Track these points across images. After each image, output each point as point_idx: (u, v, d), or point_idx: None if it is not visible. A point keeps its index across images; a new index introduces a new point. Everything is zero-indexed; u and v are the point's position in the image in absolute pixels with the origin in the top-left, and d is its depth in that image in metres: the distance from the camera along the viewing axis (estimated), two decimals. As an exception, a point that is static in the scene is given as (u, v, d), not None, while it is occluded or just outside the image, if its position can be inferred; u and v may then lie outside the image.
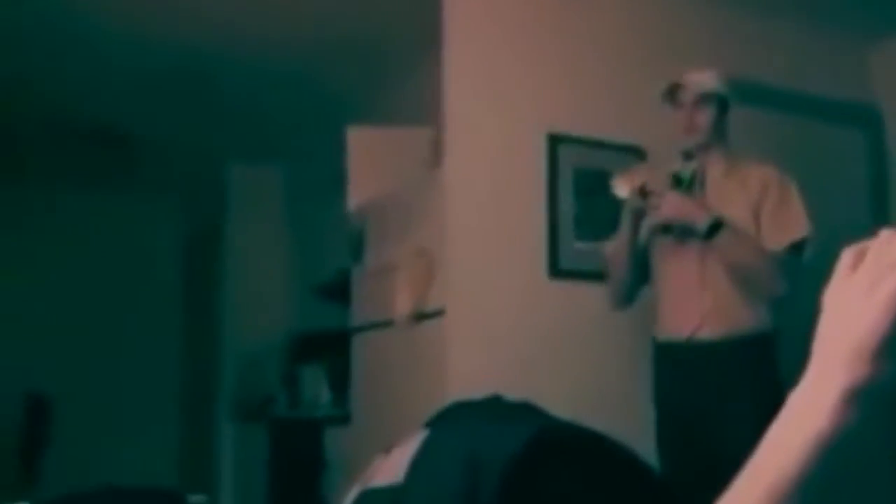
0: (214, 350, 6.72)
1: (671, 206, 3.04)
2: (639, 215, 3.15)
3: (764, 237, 3.03)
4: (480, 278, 3.65)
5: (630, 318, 3.52)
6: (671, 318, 3.17)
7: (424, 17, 3.94)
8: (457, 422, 1.51)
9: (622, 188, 3.13)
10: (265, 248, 6.69)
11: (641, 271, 3.28)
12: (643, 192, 3.07)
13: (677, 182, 3.11)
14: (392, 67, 4.99)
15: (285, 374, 6.01)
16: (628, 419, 3.13)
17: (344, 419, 4.51)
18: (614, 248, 3.28)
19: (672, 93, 3.19)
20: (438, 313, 3.65)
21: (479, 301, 3.63)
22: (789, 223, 3.04)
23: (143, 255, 7.33)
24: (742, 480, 0.74)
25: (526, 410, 1.59)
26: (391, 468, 1.43)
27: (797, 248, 3.03)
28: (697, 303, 3.08)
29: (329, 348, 5.21)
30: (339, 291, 4.87)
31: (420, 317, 3.76)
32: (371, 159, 4.53)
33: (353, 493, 1.57)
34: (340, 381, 4.83)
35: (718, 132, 3.19)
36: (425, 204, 3.87)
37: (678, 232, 3.10)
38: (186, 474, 7.13)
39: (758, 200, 3.07)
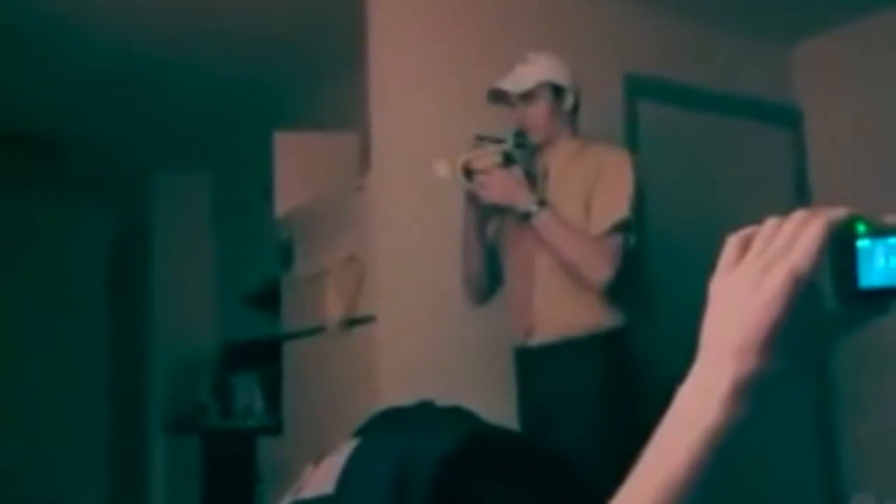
0: (143, 360, 6.61)
1: (495, 185, 2.79)
2: (473, 198, 2.89)
3: (590, 222, 2.77)
4: (410, 283, 3.64)
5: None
6: (511, 319, 2.98)
7: (353, 22, 3.92)
8: (386, 429, 1.50)
9: (441, 167, 2.86)
10: (193, 256, 6.61)
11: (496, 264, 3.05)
12: (467, 172, 2.82)
13: (508, 161, 2.84)
14: (322, 74, 4.96)
15: (216, 383, 5.93)
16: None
17: (277, 428, 4.46)
18: (462, 237, 3.05)
19: (497, 95, 2.99)
20: (369, 319, 3.63)
21: (410, 306, 3.61)
22: (612, 205, 2.76)
23: (69, 261, 7.18)
24: (633, 481, 0.72)
25: (456, 416, 1.58)
26: (321, 479, 1.41)
27: (620, 231, 2.77)
28: (528, 303, 2.88)
29: (260, 357, 5.15)
30: (268, 299, 4.81)
31: (351, 323, 3.73)
32: (299, 165, 4.50)
33: (284, 504, 1.55)
34: (273, 390, 4.78)
35: (560, 121, 2.94)
36: (354, 209, 3.84)
37: (515, 217, 2.85)
38: (117, 487, 7.00)
39: (591, 185, 2.81)
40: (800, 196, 4.72)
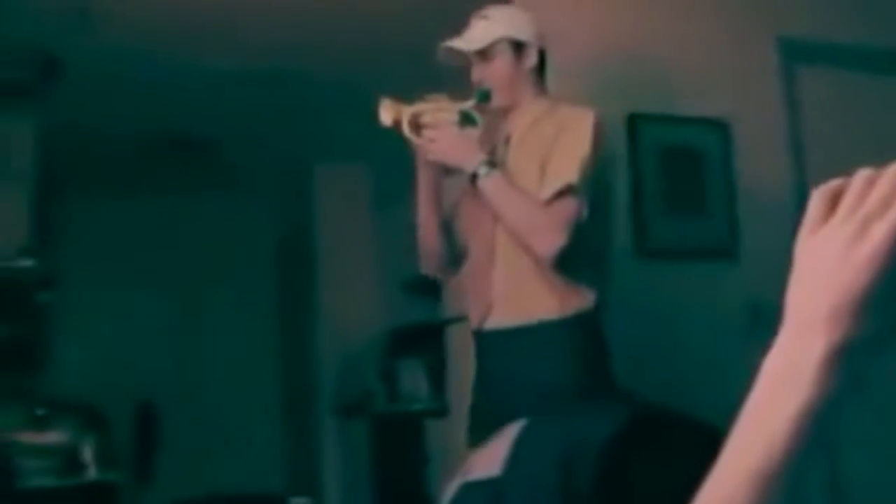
0: (312, 349, 6.82)
1: (443, 142, 2.54)
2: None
3: (542, 188, 2.49)
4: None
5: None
6: (469, 299, 2.69)
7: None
8: (550, 410, 1.52)
9: (385, 114, 2.58)
10: (355, 245, 6.75)
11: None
12: (416, 125, 2.57)
13: (466, 121, 2.59)
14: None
15: (383, 369, 6.07)
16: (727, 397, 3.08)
17: (442, 411, 4.54)
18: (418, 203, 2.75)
19: (452, 54, 2.73)
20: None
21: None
22: (561, 170, 2.46)
23: (236, 259, 7.44)
24: (721, 469, 0.66)
25: (619, 395, 1.59)
26: (489, 460, 1.44)
27: (571, 197, 2.46)
28: (487, 282, 2.58)
29: (424, 341, 5.25)
30: (430, 285, 4.89)
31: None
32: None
33: (454, 486, 1.59)
34: (437, 374, 4.86)
35: (522, 80, 2.66)
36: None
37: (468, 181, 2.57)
38: (292, 473, 7.25)
39: (548, 148, 2.52)
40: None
